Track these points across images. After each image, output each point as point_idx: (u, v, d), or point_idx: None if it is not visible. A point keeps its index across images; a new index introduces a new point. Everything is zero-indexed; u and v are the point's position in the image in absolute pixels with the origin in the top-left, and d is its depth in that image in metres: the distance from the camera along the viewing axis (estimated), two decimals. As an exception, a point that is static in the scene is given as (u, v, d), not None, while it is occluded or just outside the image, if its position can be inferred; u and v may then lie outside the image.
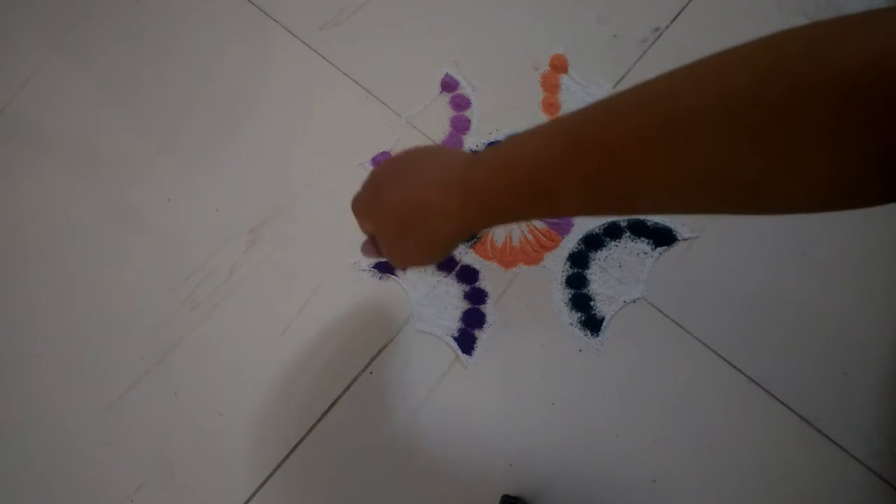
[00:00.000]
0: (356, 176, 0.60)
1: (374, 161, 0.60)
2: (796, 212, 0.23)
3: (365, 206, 0.36)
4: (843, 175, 0.20)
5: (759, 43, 0.21)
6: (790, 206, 0.22)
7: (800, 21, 0.64)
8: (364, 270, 0.56)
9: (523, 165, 0.28)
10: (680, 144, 0.22)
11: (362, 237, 0.57)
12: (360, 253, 0.42)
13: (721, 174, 0.22)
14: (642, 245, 0.57)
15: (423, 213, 0.32)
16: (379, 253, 0.40)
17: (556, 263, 0.57)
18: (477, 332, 0.55)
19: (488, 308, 0.55)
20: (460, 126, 0.61)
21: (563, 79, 0.63)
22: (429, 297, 0.56)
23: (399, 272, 0.56)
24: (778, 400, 0.52)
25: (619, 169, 0.25)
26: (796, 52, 0.20)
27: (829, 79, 0.18)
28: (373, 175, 0.37)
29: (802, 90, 0.19)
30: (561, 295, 0.56)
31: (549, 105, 0.62)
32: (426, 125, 0.61)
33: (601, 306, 0.55)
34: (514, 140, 0.30)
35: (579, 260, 0.57)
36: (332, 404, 0.53)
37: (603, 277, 0.56)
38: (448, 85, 0.63)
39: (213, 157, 0.60)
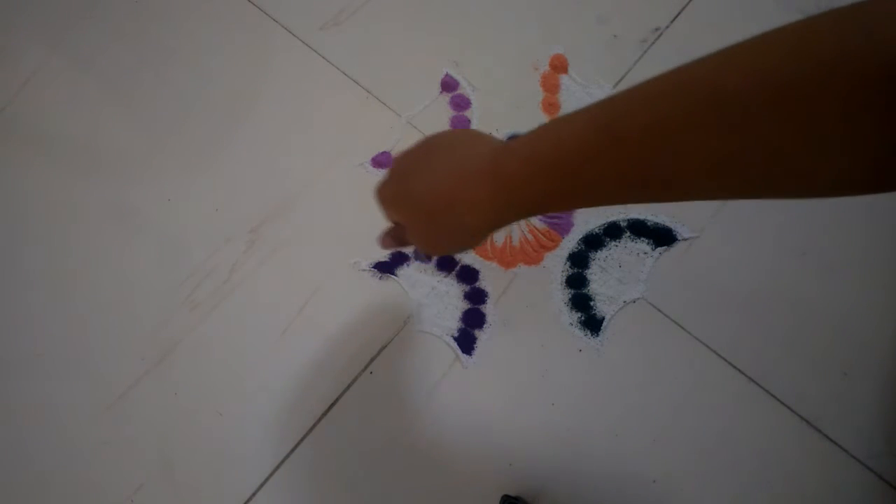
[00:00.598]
0: (356, 176, 0.60)
1: (375, 161, 0.60)
2: (839, 194, 0.22)
3: (391, 195, 0.35)
4: (888, 155, 0.19)
5: (800, 24, 0.21)
6: (833, 188, 0.22)
7: (800, 21, 0.65)
8: (364, 270, 0.57)
9: (556, 154, 0.27)
10: (722, 126, 0.22)
11: (363, 237, 0.57)
12: (378, 244, 0.41)
13: (763, 156, 0.22)
14: (642, 245, 0.57)
15: (452, 204, 0.31)
16: (398, 244, 0.39)
17: (556, 263, 0.57)
18: (477, 332, 0.55)
19: (488, 308, 0.55)
20: (460, 126, 0.61)
21: (563, 79, 0.63)
22: (429, 297, 0.56)
23: (399, 272, 0.56)
24: (778, 400, 0.52)
25: (658, 154, 0.24)
26: (837, 32, 0.19)
27: (866, 60, 0.18)
28: (398, 163, 0.36)
29: (840, 70, 0.19)
30: (561, 295, 0.56)
31: (549, 105, 0.62)
32: (426, 125, 0.61)
33: (601, 306, 0.55)
34: (547, 128, 0.29)
35: (579, 260, 0.57)
36: (332, 404, 0.53)
37: (603, 277, 0.56)
38: (448, 85, 0.63)
39: (213, 157, 0.60)
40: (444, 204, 0.32)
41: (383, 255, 0.57)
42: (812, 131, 0.20)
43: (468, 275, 0.56)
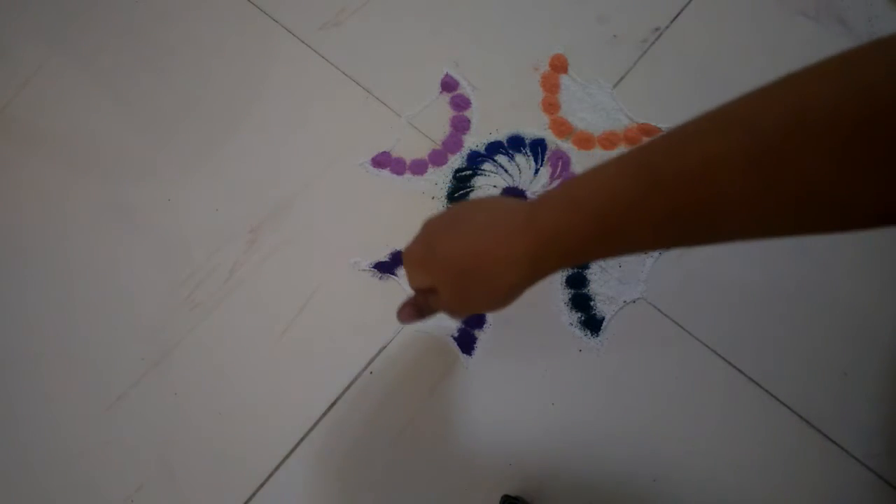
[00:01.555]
0: (356, 176, 0.60)
1: (374, 161, 0.60)
2: (883, 226, 0.22)
3: (420, 259, 0.34)
4: None
5: (833, 61, 0.21)
6: (877, 222, 0.22)
7: (801, 21, 0.65)
8: (364, 270, 0.57)
9: (593, 203, 0.27)
10: (762, 167, 0.22)
11: (363, 237, 0.57)
12: (397, 318, 0.40)
13: (806, 194, 0.22)
14: (642, 245, 0.57)
15: (486, 263, 0.31)
16: (421, 314, 0.39)
17: (556, 263, 0.57)
18: (477, 332, 0.55)
19: (488, 308, 0.55)
20: (460, 126, 0.61)
21: (563, 79, 0.63)
22: (429, 297, 0.56)
23: (399, 272, 0.56)
24: (778, 400, 0.52)
25: (699, 197, 0.24)
26: (872, 67, 0.20)
27: None
28: (426, 226, 0.35)
29: (877, 105, 0.19)
30: (561, 295, 0.56)
31: (549, 105, 0.62)
32: (426, 125, 0.61)
33: (601, 306, 0.55)
34: (579, 179, 0.28)
35: (579, 260, 0.57)
36: (332, 404, 0.53)
37: (603, 277, 0.56)
38: (448, 85, 0.63)
39: (213, 157, 0.60)
40: (479, 262, 0.31)
41: (383, 255, 0.57)
42: (851, 168, 0.20)
43: (468, 275, 0.56)
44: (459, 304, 0.35)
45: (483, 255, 0.31)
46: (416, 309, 0.38)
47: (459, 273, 0.32)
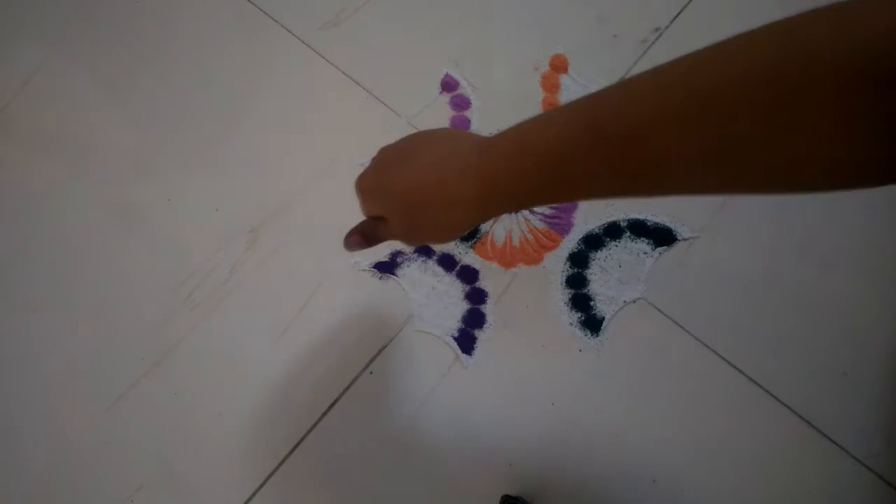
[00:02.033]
0: (356, 176, 0.59)
1: (374, 161, 0.60)
2: (811, 191, 0.22)
3: (372, 187, 0.35)
4: (855, 153, 0.20)
5: (777, 24, 0.21)
6: (805, 185, 0.22)
7: (800, 21, 0.65)
8: (364, 270, 0.57)
9: (540, 152, 0.28)
10: (698, 125, 0.22)
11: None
12: (344, 245, 0.39)
13: (739, 154, 0.22)
14: (642, 245, 0.57)
15: (436, 199, 0.32)
16: (367, 242, 0.39)
17: (556, 263, 0.57)
18: (477, 332, 0.55)
19: (488, 308, 0.55)
20: (460, 126, 0.61)
21: (563, 79, 0.63)
22: (429, 297, 0.56)
23: (399, 272, 0.56)
24: (778, 400, 0.52)
25: (637, 152, 0.25)
26: (813, 31, 0.20)
27: (844, 57, 0.19)
28: (381, 155, 0.36)
29: (817, 68, 0.19)
30: (561, 295, 0.56)
31: (549, 105, 0.62)
32: (426, 125, 0.61)
33: (601, 306, 0.55)
34: (529, 125, 0.29)
35: (579, 260, 0.57)
36: (332, 404, 0.53)
37: (603, 277, 0.56)
38: (448, 85, 0.63)
39: (213, 157, 0.60)
40: (428, 199, 0.32)
41: (383, 254, 0.57)
42: (783, 129, 0.21)
43: (468, 275, 0.56)
44: (408, 235, 0.36)
45: (432, 193, 0.32)
46: (363, 236, 0.38)
47: (407, 206, 0.33)
